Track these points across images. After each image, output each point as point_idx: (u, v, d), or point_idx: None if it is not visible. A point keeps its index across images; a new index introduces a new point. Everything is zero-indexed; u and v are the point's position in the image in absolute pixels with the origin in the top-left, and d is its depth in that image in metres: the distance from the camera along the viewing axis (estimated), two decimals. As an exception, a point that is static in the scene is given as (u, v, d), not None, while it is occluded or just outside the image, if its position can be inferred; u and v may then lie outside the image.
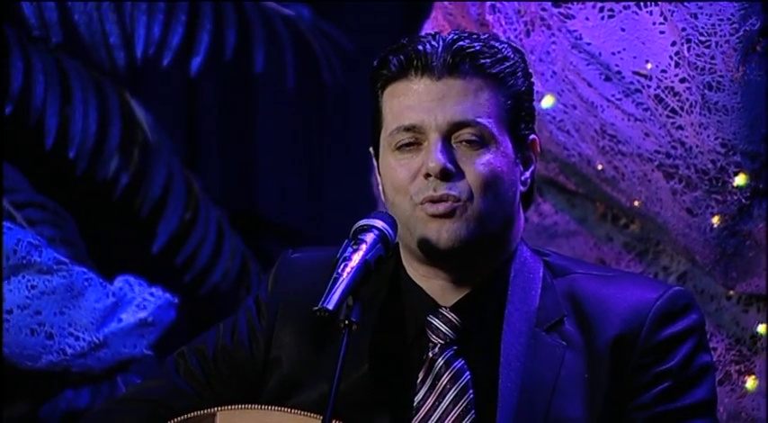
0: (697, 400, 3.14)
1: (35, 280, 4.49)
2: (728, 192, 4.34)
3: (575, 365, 3.14)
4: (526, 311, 3.19)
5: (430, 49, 3.16)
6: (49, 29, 4.98)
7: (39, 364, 4.48)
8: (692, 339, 3.15)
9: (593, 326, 3.16)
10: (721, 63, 4.28)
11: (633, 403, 3.12)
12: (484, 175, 3.13)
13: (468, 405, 3.13)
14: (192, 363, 3.30)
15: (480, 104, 3.16)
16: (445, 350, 3.16)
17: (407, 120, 3.14)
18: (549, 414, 3.12)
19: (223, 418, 3.18)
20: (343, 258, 3.04)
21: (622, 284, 3.23)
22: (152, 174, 5.08)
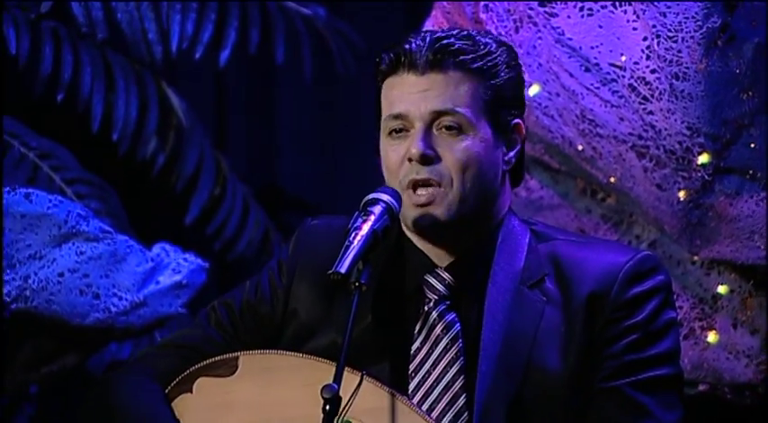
0: (662, 350, 3.14)
1: (83, 247, 4.47)
2: (693, 169, 4.33)
3: (553, 319, 3.14)
4: (511, 271, 3.18)
5: (415, 48, 3.16)
6: (95, 26, 4.95)
7: (87, 321, 4.46)
8: (657, 297, 3.15)
9: (571, 284, 3.16)
10: (687, 56, 4.28)
11: (605, 353, 3.11)
12: (461, 160, 3.14)
13: (458, 352, 3.13)
14: (221, 315, 3.31)
15: (459, 95, 3.15)
16: (439, 305, 3.17)
17: (396, 109, 3.16)
18: (529, 362, 3.11)
19: (245, 360, 3.20)
20: (354, 228, 3.04)
21: (597, 249, 3.23)
22: (185, 154, 5.06)
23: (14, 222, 4.45)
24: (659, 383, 3.13)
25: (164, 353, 3.33)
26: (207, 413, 3.21)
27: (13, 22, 4.86)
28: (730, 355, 4.42)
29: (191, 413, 3.22)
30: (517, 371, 3.12)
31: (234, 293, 3.34)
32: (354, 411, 3.03)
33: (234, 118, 5.43)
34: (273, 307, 3.28)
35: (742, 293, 4.42)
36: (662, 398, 3.14)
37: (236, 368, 3.20)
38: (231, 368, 3.21)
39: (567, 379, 3.12)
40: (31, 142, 4.85)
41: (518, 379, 3.11)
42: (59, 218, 4.47)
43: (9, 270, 4.44)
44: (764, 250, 4.37)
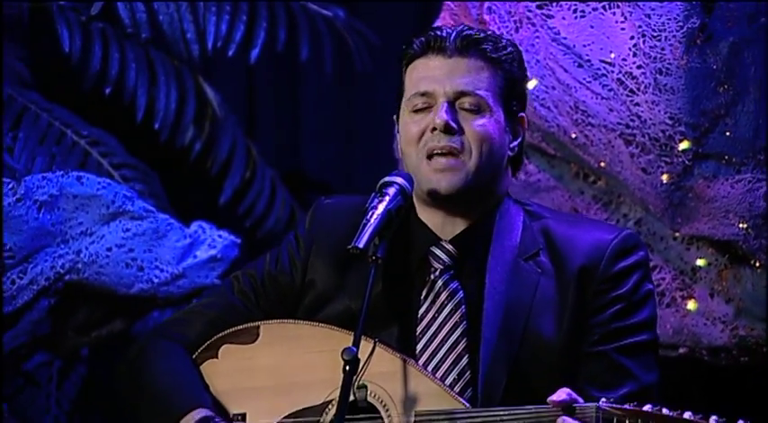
0: (642, 319, 3.13)
1: (129, 224, 4.48)
2: (675, 155, 4.33)
3: (547, 289, 3.13)
4: (509, 246, 3.17)
5: (445, 35, 3.16)
6: (140, 27, 4.95)
7: (132, 290, 4.48)
8: (639, 271, 3.16)
9: (562, 258, 3.16)
10: (669, 53, 4.30)
11: (593, 321, 3.11)
12: (479, 134, 3.13)
13: (461, 317, 3.13)
14: (244, 284, 3.30)
15: (481, 80, 3.15)
16: (444, 274, 3.16)
17: (423, 87, 3.15)
18: (526, 328, 3.10)
19: (266, 329, 3.20)
20: (371, 207, 3.05)
21: (585, 227, 3.22)
22: (219, 141, 5.03)
23: (68, 202, 4.46)
24: (640, 348, 3.12)
25: (191, 319, 3.32)
26: (232, 377, 3.21)
27: (67, 24, 4.88)
28: (708, 321, 4.42)
29: (217, 377, 3.22)
30: (516, 336, 3.10)
31: (255, 265, 3.32)
32: (369, 375, 3.03)
33: (262, 109, 5.41)
34: (293, 277, 3.27)
35: (718, 266, 4.42)
36: (642, 361, 3.13)
37: (257, 336, 3.21)
38: (253, 336, 3.21)
39: (559, 343, 3.11)
40: (83, 131, 4.84)
41: (516, 343, 3.10)
42: (107, 198, 4.48)
43: (63, 245, 4.43)
44: (738, 227, 4.36)
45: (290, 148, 5.41)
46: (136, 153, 4.91)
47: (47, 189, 4.46)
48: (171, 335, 3.30)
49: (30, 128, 4.81)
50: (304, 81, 5.34)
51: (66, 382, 4.94)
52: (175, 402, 3.17)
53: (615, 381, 3.08)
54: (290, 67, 5.26)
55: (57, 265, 4.43)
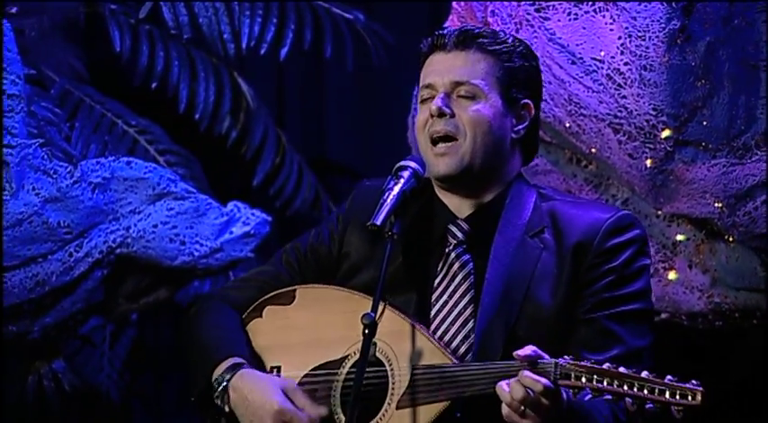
0: (633, 290, 3.10)
1: (172, 204, 4.49)
2: (658, 142, 4.31)
3: (548, 263, 3.12)
4: (518, 223, 3.16)
5: (446, 33, 3.17)
6: (182, 29, 4.93)
7: (175, 262, 4.49)
8: (632, 247, 3.12)
9: (563, 235, 3.13)
10: (653, 51, 4.27)
11: (586, 292, 3.09)
12: (472, 118, 3.12)
13: (469, 286, 3.12)
14: (290, 256, 3.32)
15: (476, 70, 3.14)
16: (457, 247, 3.16)
17: (427, 80, 3.16)
18: (526, 296, 3.09)
19: (300, 292, 3.25)
20: (387, 188, 3.07)
21: (587, 207, 3.20)
22: (252, 130, 5.02)
23: (118, 184, 4.46)
24: (629, 316, 3.09)
25: (245, 285, 3.36)
26: (271, 334, 3.25)
27: (118, 26, 4.87)
28: (686, 290, 4.42)
29: (260, 334, 3.27)
30: (516, 302, 3.09)
31: (302, 238, 3.34)
32: (379, 334, 3.03)
33: (291, 101, 5.39)
34: (331, 249, 3.29)
35: (696, 241, 4.42)
36: (631, 327, 3.09)
37: (293, 299, 3.25)
38: (290, 299, 3.25)
39: (555, 311, 3.09)
40: (131, 121, 4.86)
41: (516, 309, 3.09)
42: (153, 181, 4.48)
43: (114, 222, 4.44)
44: (714, 206, 4.35)
45: (315, 136, 5.40)
46: (178, 141, 4.91)
47: (100, 172, 4.45)
48: (226, 297, 3.35)
49: (85, 118, 4.79)
50: (328, 76, 5.35)
51: (118, 344, 5.00)
52: (214, 352, 3.20)
53: (605, 344, 3.05)
54: (316, 64, 5.23)
55: (109, 239, 4.44)
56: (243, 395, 3.13)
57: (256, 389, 3.12)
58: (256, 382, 3.14)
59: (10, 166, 4.37)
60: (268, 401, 3.10)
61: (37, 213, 4.36)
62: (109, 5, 4.90)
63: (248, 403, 3.12)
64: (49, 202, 4.37)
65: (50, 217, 4.37)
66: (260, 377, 3.16)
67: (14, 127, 4.37)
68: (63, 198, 4.38)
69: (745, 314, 4.43)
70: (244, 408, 3.13)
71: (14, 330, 4.42)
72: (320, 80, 5.36)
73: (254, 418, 3.11)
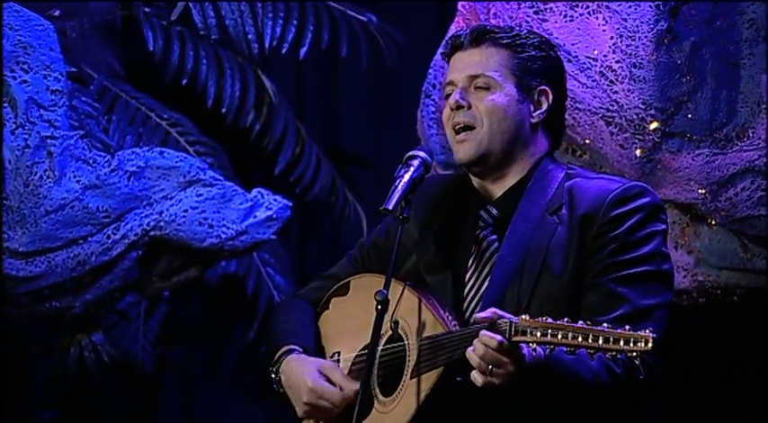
0: (640, 254, 3.03)
1: (201, 190, 4.49)
2: (646, 133, 4.30)
3: (561, 236, 3.06)
4: (539, 203, 3.11)
5: (462, 34, 3.16)
6: (210, 30, 4.94)
7: (204, 244, 4.49)
8: (638, 215, 3.06)
9: (574, 208, 3.08)
10: (642, 50, 4.27)
11: (592, 259, 3.04)
12: (488, 107, 3.10)
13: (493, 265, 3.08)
14: (357, 253, 3.35)
15: (489, 63, 3.12)
16: (486, 229, 3.14)
17: (449, 78, 3.15)
18: (542, 267, 3.04)
19: (353, 283, 3.29)
20: (398, 176, 3.06)
21: (601, 181, 3.14)
22: (274, 123, 5.01)
23: (152, 173, 4.46)
24: (636, 278, 3.02)
25: (322, 283, 3.38)
26: (334, 322, 3.29)
27: (151, 27, 4.88)
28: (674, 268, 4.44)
29: (326, 323, 3.31)
30: (532, 277, 3.05)
31: (369, 235, 3.38)
32: (400, 312, 3.08)
33: (309, 96, 5.36)
34: (387, 241, 3.27)
35: (681, 224, 4.39)
36: (638, 287, 3.01)
37: (349, 289, 3.29)
38: (347, 289, 3.29)
39: (566, 280, 3.05)
40: (164, 114, 4.87)
41: (532, 283, 3.05)
42: (184, 169, 4.49)
43: (148, 207, 4.44)
44: (698, 193, 4.33)
45: (332, 128, 5.39)
46: (207, 132, 4.92)
47: (135, 162, 4.45)
48: (305, 293, 3.40)
49: (121, 112, 4.81)
50: (343, 73, 5.31)
51: (151, 319, 5.05)
52: (276, 341, 3.26)
53: (611, 306, 2.99)
54: (332, 63, 5.20)
55: (143, 223, 4.45)
56: (287, 377, 3.19)
57: (296, 371, 3.18)
58: (297, 365, 3.19)
59: (53, 156, 4.35)
60: (303, 381, 3.15)
61: (78, 199, 4.38)
62: (143, 8, 4.91)
63: (291, 384, 3.18)
64: (89, 188, 4.39)
65: (90, 202, 4.39)
66: (302, 360, 3.20)
67: (57, 120, 4.39)
68: (101, 185, 4.41)
69: (727, 291, 4.41)
70: (288, 388, 3.20)
71: (58, 306, 4.45)
72: (336, 77, 5.34)
73: (295, 395, 3.17)
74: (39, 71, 4.38)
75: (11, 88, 4.35)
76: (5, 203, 4.35)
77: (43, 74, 4.38)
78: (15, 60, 4.35)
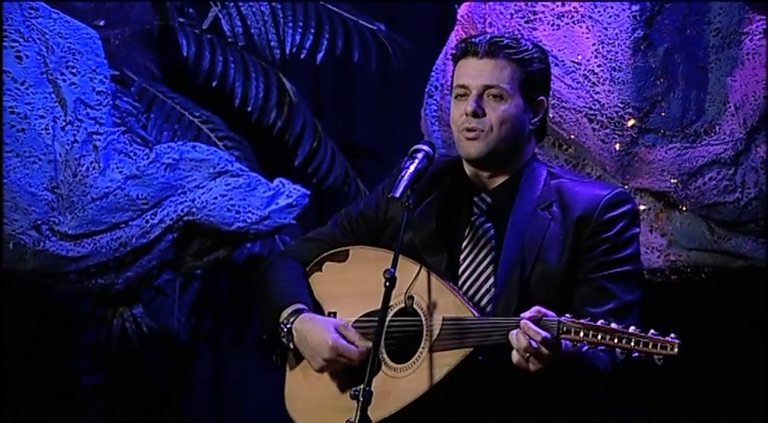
0: (625, 255, 3.07)
1: (229, 180, 4.48)
2: (625, 129, 4.30)
3: (555, 231, 3.09)
4: (531, 198, 3.12)
5: (477, 41, 3.12)
6: (237, 37, 4.93)
7: (231, 228, 4.48)
8: (624, 220, 3.09)
9: (568, 209, 3.09)
10: (621, 55, 4.27)
11: (586, 256, 3.07)
12: (500, 117, 3.09)
13: (490, 249, 3.11)
14: (344, 219, 3.30)
15: (503, 76, 3.10)
16: (481, 216, 3.15)
17: (461, 81, 3.12)
18: (537, 258, 3.06)
19: (353, 252, 3.23)
20: (405, 167, 3.07)
21: (588, 185, 3.16)
22: (294, 120, 4.99)
23: (186, 164, 4.45)
24: (622, 276, 3.06)
25: (305, 244, 3.33)
26: (329, 285, 3.24)
27: (185, 35, 4.88)
28: (648, 250, 4.40)
29: (319, 284, 3.26)
30: (529, 264, 3.06)
31: (354, 205, 3.33)
32: (416, 290, 3.06)
33: (326, 97, 5.33)
34: (377, 215, 3.25)
35: (655, 210, 4.41)
36: (623, 285, 3.05)
37: (347, 257, 3.23)
38: (345, 256, 3.24)
39: (560, 272, 3.07)
40: (196, 113, 4.86)
41: (529, 269, 3.06)
42: (214, 161, 4.48)
43: (182, 195, 4.43)
44: (670, 182, 4.34)
45: (345, 125, 5.36)
46: (234, 129, 4.89)
47: (171, 154, 4.44)
48: (293, 253, 3.33)
49: (158, 111, 4.79)
50: (356, 76, 5.28)
51: (185, 294, 5.00)
52: (281, 299, 3.20)
53: (602, 299, 3.02)
54: (346, 66, 5.17)
55: (178, 209, 4.44)
56: (304, 335, 3.14)
57: (315, 329, 3.13)
58: (315, 324, 3.14)
59: (98, 150, 4.34)
60: (324, 338, 3.10)
61: (120, 188, 4.38)
62: (178, 18, 4.88)
63: (308, 341, 3.13)
64: (130, 178, 4.39)
65: (131, 191, 4.39)
66: (318, 319, 3.16)
67: (102, 118, 4.39)
68: (141, 175, 4.40)
69: (695, 270, 4.42)
70: (305, 345, 3.14)
71: (102, 282, 4.46)
72: (349, 79, 5.31)
73: (314, 352, 3.12)
74: (86, 74, 4.39)
75: (61, 89, 4.34)
76: (57, 192, 4.33)
77: (90, 77, 4.39)
78: (65, 65, 4.35)
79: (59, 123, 4.33)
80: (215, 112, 4.91)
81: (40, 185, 4.29)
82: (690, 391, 4.60)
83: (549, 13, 4.35)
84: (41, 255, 4.31)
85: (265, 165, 4.87)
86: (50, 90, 4.34)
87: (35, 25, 4.34)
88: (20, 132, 4.27)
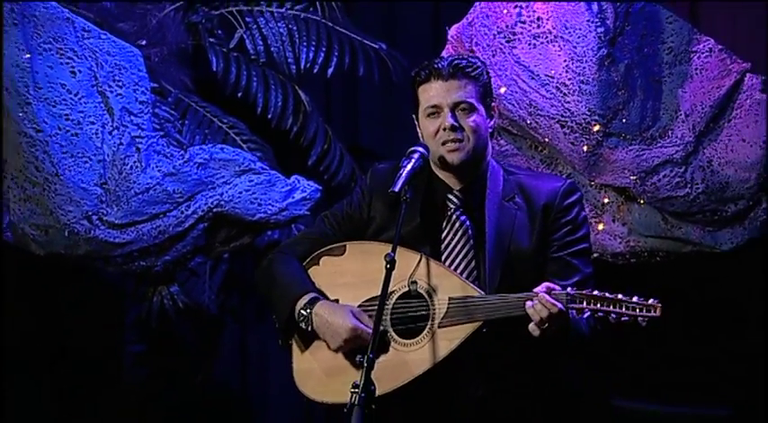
0: (582, 234, 3.14)
1: (252, 177, 4.45)
2: (591, 134, 4.31)
3: (522, 219, 3.13)
4: (496, 192, 3.15)
5: (440, 66, 3.15)
6: (259, 55, 4.87)
7: (254, 218, 4.44)
8: (578, 205, 3.17)
9: (531, 199, 3.14)
10: (588, 70, 4.29)
11: (552, 238, 3.12)
12: (472, 127, 3.12)
13: (468, 237, 3.13)
14: (332, 219, 3.29)
15: (468, 92, 3.13)
16: (456, 211, 3.16)
17: (433, 102, 3.14)
18: (510, 242, 3.10)
19: (349, 246, 3.22)
20: (402, 166, 3.10)
21: (544, 179, 3.22)
22: (308, 125, 4.93)
23: (215, 164, 4.42)
24: (582, 252, 3.13)
25: (300, 242, 3.32)
26: (328, 277, 3.22)
27: (215, 53, 4.86)
28: (611, 237, 4.42)
29: (318, 276, 3.24)
30: (504, 248, 3.09)
31: (338, 206, 3.32)
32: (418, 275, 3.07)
33: (335, 105, 5.26)
34: (361, 214, 3.25)
35: (617, 202, 4.42)
36: (583, 260, 3.12)
37: (344, 251, 3.22)
38: (342, 250, 3.22)
39: (531, 251, 3.10)
40: (224, 119, 4.83)
41: (505, 252, 3.09)
42: (239, 161, 4.46)
43: (212, 190, 4.39)
44: (630, 179, 4.33)
45: (352, 130, 5.29)
46: (257, 133, 4.85)
47: (202, 155, 4.42)
48: (289, 251, 3.30)
49: (192, 118, 4.77)
50: (360, 88, 5.23)
51: (215, 275, 4.95)
52: (294, 290, 3.18)
53: (569, 274, 3.08)
54: (352, 80, 5.11)
55: (208, 202, 4.41)
56: (324, 319, 3.11)
57: (334, 314, 3.10)
58: (334, 309, 3.12)
59: (140, 151, 4.32)
60: (343, 322, 3.08)
61: (159, 184, 4.37)
62: (208, 39, 4.86)
63: (329, 324, 3.10)
64: (168, 176, 4.38)
65: (168, 186, 4.38)
66: (335, 305, 3.14)
67: (143, 124, 4.37)
68: (177, 173, 4.39)
69: (651, 254, 4.43)
70: (326, 328, 3.11)
71: (144, 265, 4.44)
72: (355, 90, 5.27)
73: (335, 334, 3.09)
74: (130, 87, 4.38)
75: (109, 100, 4.32)
76: (105, 187, 4.29)
77: (133, 89, 4.38)
78: (113, 79, 4.36)
79: (107, 129, 4.33)
80: (240, 118, 4.89)
81: (90, 182, 4.29)
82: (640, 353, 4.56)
83: (527, 34, 4.35)
84: (92, 241, 4.31)
85: (283, 164, 4.85)
86: (100, 100, 4.33)
87: (87, 45, 4.34)
88: (74, 136, 4.27)
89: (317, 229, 3.30)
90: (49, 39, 4.23)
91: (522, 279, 3.03)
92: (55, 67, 4.24)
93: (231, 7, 4.86)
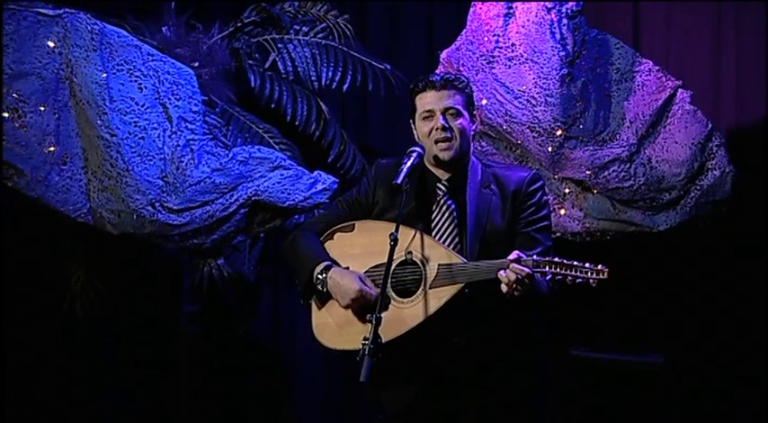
0: (544, 214, 3.13)
1: (283, 172, 4.43)
2: (555, 137, 4.32)
3: (496, 202, 3.12)
4: (476, 181, 3.14)
5: (434, 79, 3.15)
6: (288, 73, 4.85)
7: (284, 205, 4.42)
8: (541, 190, 3.15)
9: (503, 187, 3.13)
10: (552, 86, 4.26)
11: (520, 217, 3.11)
12: (459, 128, 3.12)
13: (453, 217, 3.12)
14: (343, 203, 3.28)
15: (456, 100, 3.13)
16: (444, 196, 3.16)
17: (428, 107, 3.14)
18: (487, 221, 3.09)
19: (358, 224, 3.20)
20: (403, 162, 3.11)
21: (513, 170, 3.20)
22: (328, 131, 4.88)
23: (253, 161, 4.40)
24: (543, 229, 3.11)
25: (318, 221, 3.30)
26: (340, 248, 3.19)
27: (253, 72, 4.84)
28: (570, 219, 4.42)
29: (332, 249, 3.22)
30: (482, 225, 3.09)
31: (349, 193, 3.32)
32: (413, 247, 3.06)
33: (349, 114, 5.23)
34: (367, 199, 3.23)
35: (576, 192, 4.42)
36: (544, 235, 3.10)
37: (353, 228, 3.21)
38: (352, 228, 3.21)
39: (504, 228, 3.10)
40: (260, 126, 4.78)
41: (484, 229, 3.08)
42: (272, 159, 4.44)
43: (251, 182, 4.36)
44: (586, 173, 4.33)
45: (362, 134, 5.23)
46: (287, 136, 4.80)
47: (243, 154, 4.38)
48: (309, 228, 3.29)
49: (235, 124, 4.72)
50: (369, 100, 5.18)
51: (254, 250, 4.90)
52: (311, 259, 3.17)
53: (533, 246, 3.07)
54: (363, 93, 5.04)
55: (248, 192, 4.38)
56: (336, 282, 3.10)
57: (345, 278, 3.10)
58: (344, 275, 3.12)
59: (194, 151, 4.30)
60: (352, 284, 3.08)
61: (208, 177, 4.34)
62: (248, 61, 4.83)
63: (340, 286, 3.09)
64: (215, 171, 4.35)
65: (216, 179, 4.35)
66: (345, 271, 3.13)
67: (196, 129, 4.35)
68: (223, 169, 4.36)
69: (603, 233, 4.42)
70: (337, 289, 3.11)
71: (196, 242, 4.42)
72: (365, 103, 5.22)
73: (344, 294, 3.08)
74: (185, 99, 4.38)
75: (168, 110, 4.31)
76: (165, 180, 4.26)
77: (188, 101, 4.38)
78: (171, 93, 4.35)
79: (167, 133, 4.33)
80: (273, 125, 4.85)
81: (154, 175, 4.29)
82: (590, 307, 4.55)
83: (504, 57, 4.34)
84: (155, 223, 4.31)
85: (307, 161, 4.80)
86: (161, 110, 4.33)
87: (151, 66, 4.36)
88: (140, 139, 4.27)
89: (331, 211, 3.29)
90: (121, 61, 4.27)
91: (497, 250, 3.03)
92: (126, 83, 4.28)
93: (266, 36, 4.87)
